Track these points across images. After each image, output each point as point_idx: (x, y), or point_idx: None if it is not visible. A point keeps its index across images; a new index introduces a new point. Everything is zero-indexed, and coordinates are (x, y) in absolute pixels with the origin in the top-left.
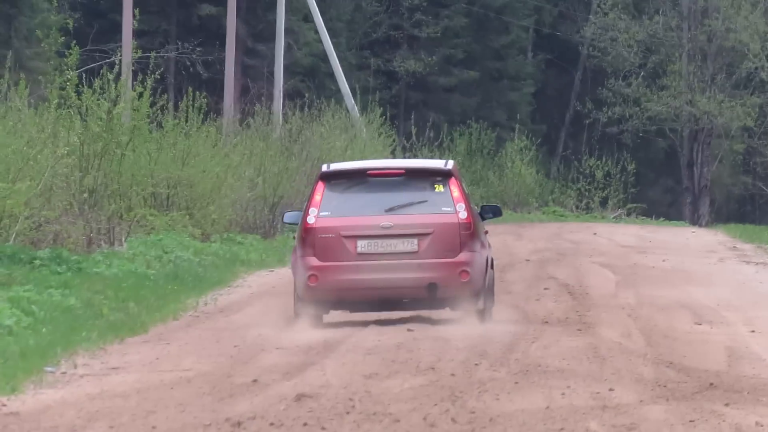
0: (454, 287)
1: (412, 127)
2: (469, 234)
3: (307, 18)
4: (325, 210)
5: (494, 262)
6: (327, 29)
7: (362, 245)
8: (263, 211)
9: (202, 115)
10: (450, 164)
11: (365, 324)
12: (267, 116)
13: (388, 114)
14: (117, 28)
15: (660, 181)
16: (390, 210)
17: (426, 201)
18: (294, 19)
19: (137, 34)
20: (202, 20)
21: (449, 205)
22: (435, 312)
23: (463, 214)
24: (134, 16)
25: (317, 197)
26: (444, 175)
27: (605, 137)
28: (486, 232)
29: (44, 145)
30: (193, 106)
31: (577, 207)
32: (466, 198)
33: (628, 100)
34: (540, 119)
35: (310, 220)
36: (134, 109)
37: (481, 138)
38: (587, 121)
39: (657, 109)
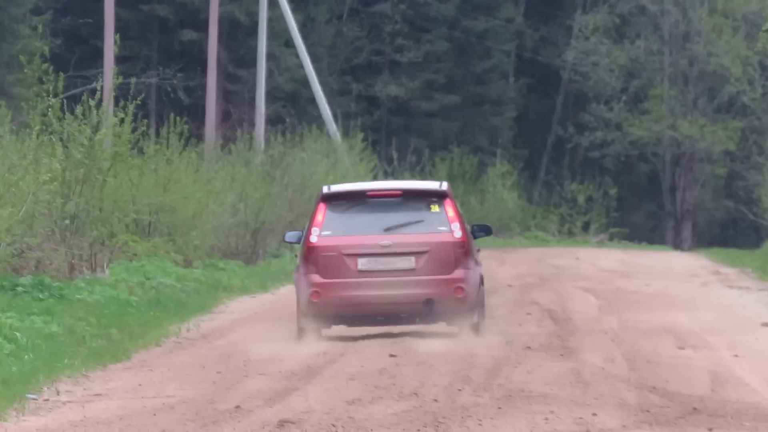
0: (449, 303)
1: (394, 152)
2: (463, 252)
3: (289, 43)
4: (327, 229)
5: (483, 279)
6: (308, 54)
7: (363, 263)
8: (245, 236)
9: (183, 141)
10: (445, 185)
11: (348, 349)
12: (248, 142)
13: (370, 139)
14: (98, 54)
15: (642, 205)
16: (389, 229)
17: (423, 221)
18: (275, 44)
19: (119, 59)
20: (184, 46)
21: (445, 225)
22: (418, 337)
23: (457, 233)
24: (115, 41)
25: (319, 217)
26: (439, 196)
27: (587, 162)
28: (478, 250)
29: (26, 172)
30: (174, 132)
31: (559, 232)
32: (461, 218)
33: (609, 124)
34: (522, 144)
35: (313, 239)
36: (116, 135)
37: (462, 163)
38: (569, 146)
39: (639, 134)
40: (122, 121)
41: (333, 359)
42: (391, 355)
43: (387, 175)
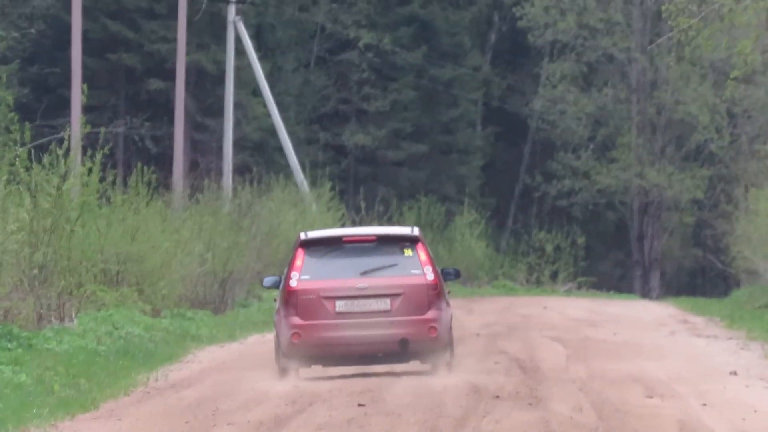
0: (424, 342)
1: (362, 201)
2: (435, 294)
3: (256, 92)
4: (306, 274)
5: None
6: (276, 103)
7: (340, 305)
8: (213, 286)
9: (151, 190)
10: (416, 231)
11: (317, 398)
12: (216, 191)
13: (338, 188)
14: (66, 103)
15: (610, 254)
16: (364, 273)
17: (397, 264)
18: (243, 93)
19: (86, 109)
20: (151, 95)
21: (417, 268)
22: (386, 385)
23: (430, 276)
24: (83, 91)
25: (298, 262)
26: (412, 241)
27: (555, 210)
28: (448, 292)
29: None
30: (142, 181)
31: (527, 281)
32: (432, 261)
33: (577, 173)
34: (489, 192)
35: (293, 283)
36: (84, 185)
37: (430, 212)
38: (537, 194)
39: (606, 182)
40: (90, 170)
41: (301, 409)
42: (360, 405)
43: (355, 224)
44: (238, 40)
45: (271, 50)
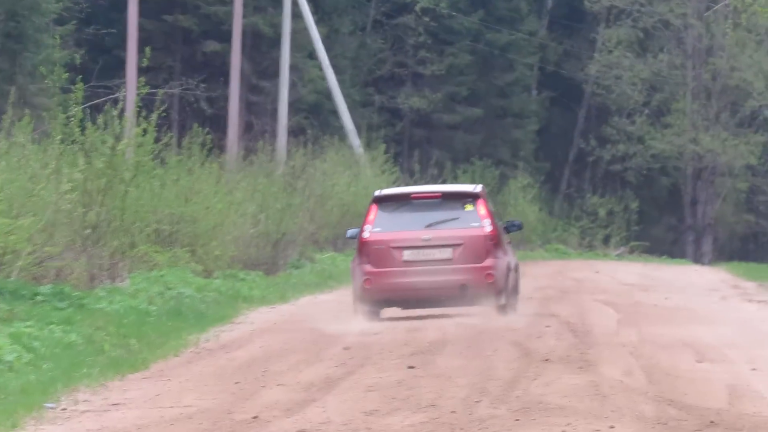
0: (481, 287)
1: (416, 164)
2: (493, 244)
3: (312, 55)
4: (378, 226)
5: (518, 267)
6: (332, 66)
7: (407, 254)
8: (266, 248)
9: (205, 152)
10: (479, 188)
11: (367, 360)
12: (270, 153)
13: (392, 151)
14: (121, 64)
15: (663, 219)
16: (429, 226)
17: (458, 218)
18: (298, 56)
19: (141, 70)
20: (207, 57)
21: (477, 221)
22: (436, 348)
23: (488, 228)
24: (145, 54)
25: (371, 216)
26: (473, 197)
27: (608, 175)
28: (509, 242)
29: (47, 181)
30: (196, 143)
31: (579, 245)
32: (491, 215)
33: (631, 137)
34: (543, 157)
35: (366, 234)
36: (138, 146)
37: (484, 175)
38: (591, 159)
39: (660, 147)
40: (145, 131)
41: (351, 371)
42: (410, 367)
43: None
44: (295, 3)
45: (327, 13)
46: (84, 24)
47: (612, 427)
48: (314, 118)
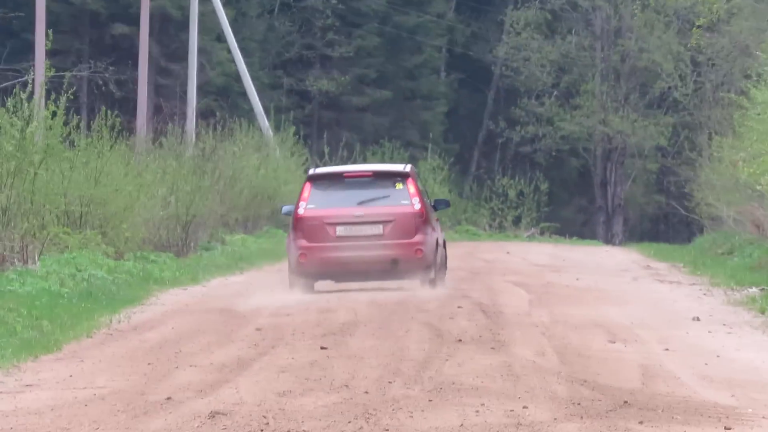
0: (411, 262)
1: (326, 146)
2: (422, 221)
3: (220, 38)
4: (312, 203)
5: (445, 243)
6: (240, 49)
7: (340, 230)
8: (176, 229)
9: (115, 134)
10: (408, 168)
11: (279, 341)
12: (180, 135)
13: (302, 133)
14: (30, 47)
15: (573, 200)
16: (361, 203)
17: (389, 196)
18: (207, 38)
19: (50, 53)
20: (115, 39)
21: (407, 199)
22: (348, 329)
23: (417, 206)
24: (48, 36)
25: (305, 194)
26: (403, 176)
27: (518, 156)
28: (437, 220)
29: None
30: (106, 125)
31: (490, 226)
32: (420, 193)
33: (541, 119)
34: (453, 139)
35: (300, 211)
36: (48, 128)
37: (393, 157)
38: (500, 141)
39: (570, 129)
40: (54, 114)
41: (264, 351)
42: (322, 348)
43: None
44: None
45: None
46: None
47: (525, 407)
48: (223, 101)
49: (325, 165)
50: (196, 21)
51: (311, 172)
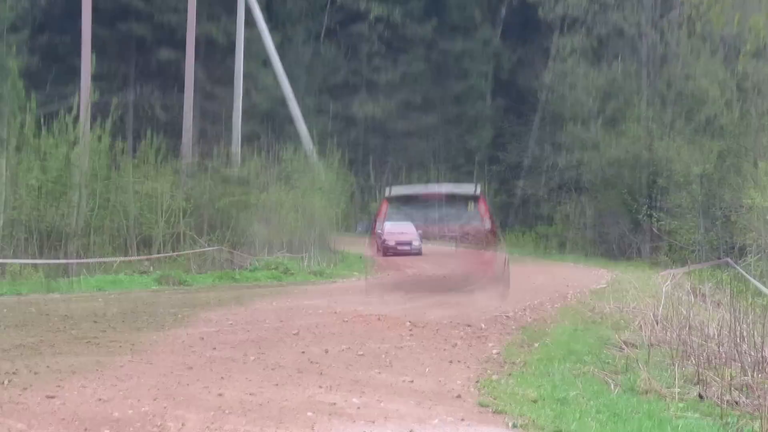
0: (483, 277)
1: (371, 170)
2: (493, 239)
3: (266, 63)
4: (388, 221)
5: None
6: (286, 74)
7: (415, 246)
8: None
9: (161, 158)
10: (478, 190)
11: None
12: (225, 159)
13: (347, 158)
14: (75, 71)
15: (619, 224)
16: (435, 222)
17: (461, 216)
18: (252, 63)
19: (96, 77)
20: (161, 65)
21: (478, 219)
22: None
23: (487, 225)
24: (92, 60)
25: (383, 212)
26: (474, 198)
27: (564, 181)
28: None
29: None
30: (151, 148)
31: (535, 250)
32: (490, 214)
33: (586, 144)
34: (498, 163)
35: (379, 229)
36: (93, 151)
37: (439, 182)
38: (546, 165)
39: (616, 154)
40: (100, 138)
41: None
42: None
43: (363, 193)
44: (249, 11)
45: (281, 22)
46: (37, 31)
47: None
48: (269, 125)
49: (371, 190)
50: (242, 46)
51: (387, 193)
